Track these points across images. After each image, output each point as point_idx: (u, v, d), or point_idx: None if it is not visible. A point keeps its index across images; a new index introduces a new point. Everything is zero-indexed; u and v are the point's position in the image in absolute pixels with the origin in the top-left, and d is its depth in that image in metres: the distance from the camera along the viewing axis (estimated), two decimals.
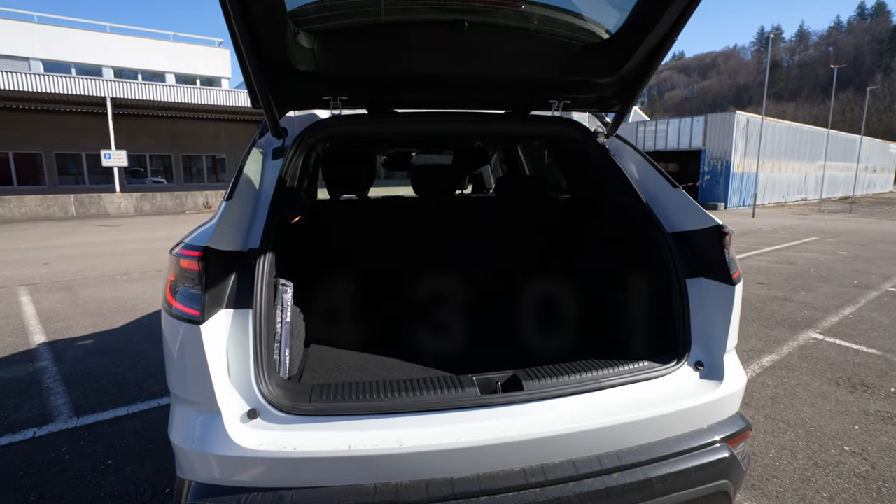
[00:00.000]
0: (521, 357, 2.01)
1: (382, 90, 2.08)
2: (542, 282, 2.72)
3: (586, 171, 2.53)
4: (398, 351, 2.25)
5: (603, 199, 2.38)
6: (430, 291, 2.74)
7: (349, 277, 2.68)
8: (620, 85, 2.18)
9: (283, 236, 2.11)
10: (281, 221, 1.92)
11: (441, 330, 2.42)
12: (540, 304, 2.67)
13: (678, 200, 2.07)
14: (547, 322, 2.53)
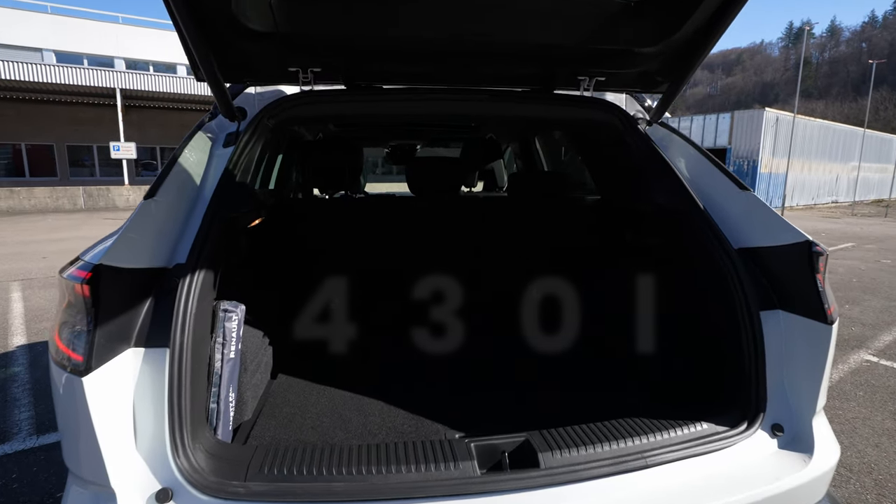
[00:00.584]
0: (535, 410, 1.56)
1: (364, 60, 1.63)
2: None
3: (623, 166, 2.05)
4: (380, 388, 1.81)
5: (643, 202, 1.89)
6: (423, 315, 2.29)
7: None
8: (670, 57, 1.70)
9: (234, 245, 1.68)
10: (230, 226, 1.49)
11: (434, 365, 1.98)
12: (561, 338, 2.20)
13: (748, 207, 1.58)
14: (570, 361, 2.06)
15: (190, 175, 1.47)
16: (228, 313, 1.41)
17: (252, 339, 1.73)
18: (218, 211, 1.39)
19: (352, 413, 1.63)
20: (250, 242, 1.92)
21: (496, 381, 1.88)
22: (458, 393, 1.78)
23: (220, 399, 1.37)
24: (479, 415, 1.61)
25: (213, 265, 1.35)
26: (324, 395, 1.78)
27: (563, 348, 2.13)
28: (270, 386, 1.85)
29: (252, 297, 1.92)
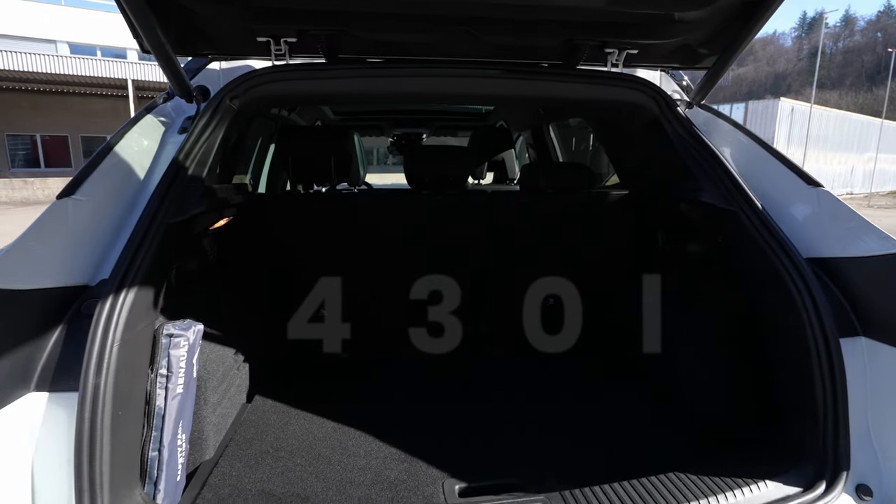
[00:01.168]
0: (554, 455, 1.29)
1: (349, 27, 1.33)
2: (586, 324, 1.97)
3: (658, 157, 1.74)
4: (368, 418, 1.53)
5: (684, 200, 1.59)
6: (420, 331, 2.00)
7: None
8: (719, 24, 1.39)
9: (189, 252, 1.41)
10: (181, 231, 1.21)
11: (433, 392, 1.70)
12: (584, 359, 1.91)
13: (820, 206, 1.28)
14: (596, 389, 1.77)
15: (130, 168, 1.19)
16: (175, 338, 1.13)
17: (218, 361, 1.46)
18: (159, 213, 1.11)
19: (332, 452, 1.36)
20: (218, 247, 1.64)
21: (506, 413, 1.59)
22: (460, 429, 1.50)
23: (163, 445, 1.10)
24: (486, 460, 1.33)
25: (153, 280, 1.07)
26: (303, 425, 1.50)
27: (588, 373, 1.84)
28: (244, 412, 1.58)
29: (222, 311, 1.65)
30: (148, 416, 1.10)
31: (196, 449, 1.31)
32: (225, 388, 1.50)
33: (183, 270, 1.35)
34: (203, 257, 1.50)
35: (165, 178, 1.15)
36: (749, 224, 1.33)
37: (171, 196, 1.14)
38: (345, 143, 1.82)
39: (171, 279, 1.26)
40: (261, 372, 1.85)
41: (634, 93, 1.58)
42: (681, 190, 1.57)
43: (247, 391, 1.71)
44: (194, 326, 1.23)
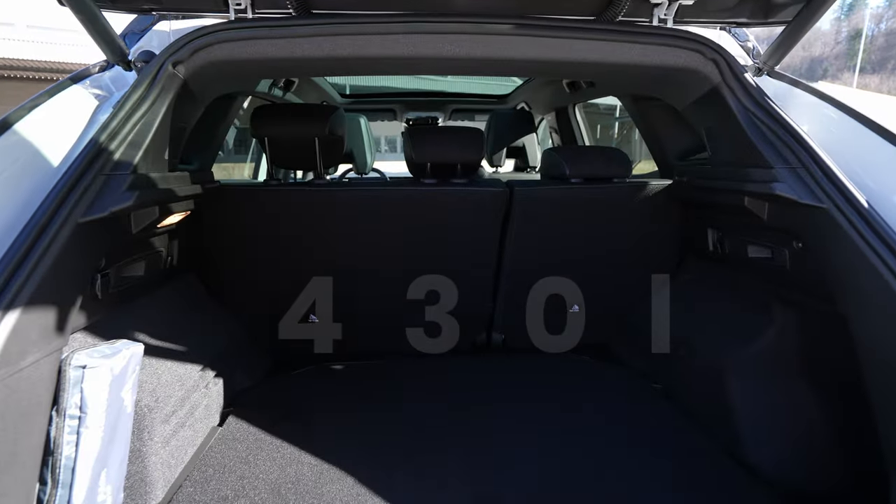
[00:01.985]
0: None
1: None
2: (610, 344, 1.65)
3: (715, 138, 1.40)
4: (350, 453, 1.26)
5: (753, 193, 1.25)
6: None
7: (285, 311, 1.71)
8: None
9: (130, 253, 1.14)
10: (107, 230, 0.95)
11: (430, 429, 1.41)
12: (605, 388, 1.57)
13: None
14: (643, 437, 1.45)
15: (35, 151, 0.93)
16: (90, 370, 0.88)
17: (174, 383, 1.21)
18: (63, 209, 0.84)
19: (302, 501, 1.10)
20: (178, 246, 1.38)
21: (532, 473, 1.27)
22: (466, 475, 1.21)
23: (73, 497, 0.85)
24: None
25: (53, 296, 0.82)
26: (276, 458, 1.24)
27: (612, 399, 1.52)
28: (211, 438, 1.32)
29: (182, 322, 1.40)
30: (51, 470, 0.85)
31: (137, 495, 1.06)
32: (185, 414, 1.25)
33: (119, 279, 1.10)
34: (154, 260, 1.24)
35: (77, 166, 0.88)
36: (846, 225, 1.00)
37: (83, 187, 0.88)
38: (333, 123, 1.52)
39: (96, 291, 1.00)
40: (237, 387, 1.60)
41: (689, 54, 1.25)
42: (746, 179, 1.23)
43: (220, 410, 1.46)
44: (126, 350, 0.98)
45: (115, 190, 0.92)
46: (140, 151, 1.01)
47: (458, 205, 1.60)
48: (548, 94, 2.93)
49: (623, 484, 1.16)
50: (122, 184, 0.94)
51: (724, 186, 1.34)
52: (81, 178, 0.88)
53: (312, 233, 1.58)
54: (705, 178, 1.47)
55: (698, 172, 1.54)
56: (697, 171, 1.55)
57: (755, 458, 1.25)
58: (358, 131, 2.96)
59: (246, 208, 1.52)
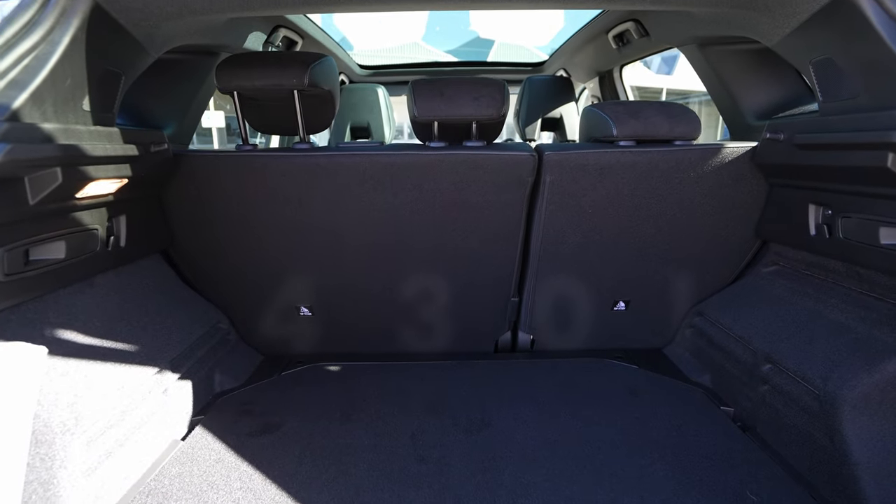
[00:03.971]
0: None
1: None
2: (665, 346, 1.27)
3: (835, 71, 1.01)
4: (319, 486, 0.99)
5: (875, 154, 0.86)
6: (414, 343, 1.41)
7: (255, 301, 1.45)
8: None
9: (32, 231, 0.90)
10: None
11: (422, 464, 1.11)
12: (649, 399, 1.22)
13: None
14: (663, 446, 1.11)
15: None
16: None
17: (110, 394, 0.98)
18: None
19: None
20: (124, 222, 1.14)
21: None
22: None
23: None
24: None
25: None
26: (228, 496, 0.99)
27: (694, 446, 1.16)
28: (164, 459, 1.09)
29: (126, 315, 1.17)
30: None
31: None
32: (129, 430, 1.02)
33: (23, 262, 0.86)
34: (82, 240, 1.01)
35: None
36: None
37: None
38: (316, 74, 1.24)
39: None
40: (214, 389, 1.37)
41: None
42: (888, 128, 0.84)
43: (188, 419, 1.23)
44: (16, 357, 0.74)
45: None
46: (25, 94, 0.76)
47: (473, 174, 1.28)
48: (590, 55, 2.53)
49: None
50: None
51: (850, 140, 0.94)
52: None
53: (295, 208, 1.31)
54: (815, 131, 1.07)
55: (802, 126, 1.14)
56: (800, 124, 1.15)
57: None
58: (376, 103, 2.68)
59: (212, 179, 1.26)
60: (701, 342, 1.50)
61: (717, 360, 1.39)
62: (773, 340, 1.21)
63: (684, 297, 1.57)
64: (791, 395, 1.11)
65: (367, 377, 1.45)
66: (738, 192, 1.34)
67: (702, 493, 0.97)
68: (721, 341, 1.39)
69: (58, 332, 0.96)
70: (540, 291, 1.53)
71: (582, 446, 1.12)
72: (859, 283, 1.10)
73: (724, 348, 1.38)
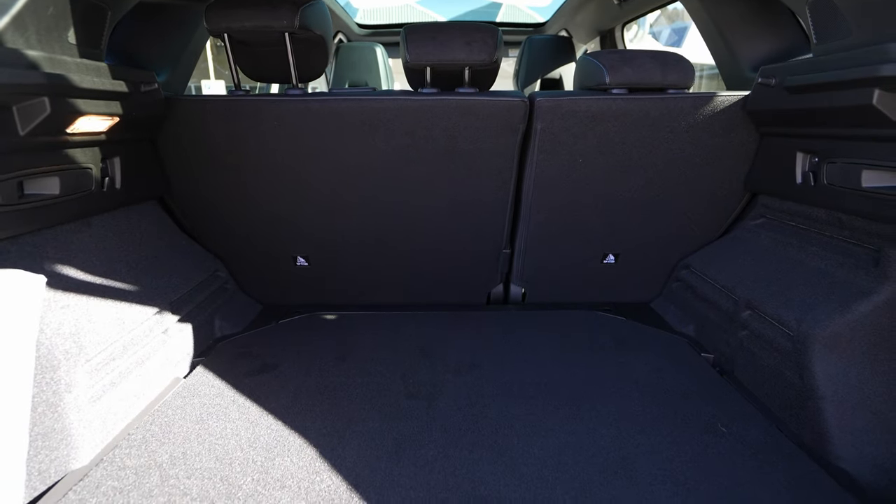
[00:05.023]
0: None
1: None
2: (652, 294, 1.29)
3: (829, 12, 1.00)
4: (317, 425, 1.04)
5: (887, 80, 0.86)
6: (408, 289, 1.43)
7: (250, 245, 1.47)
8: None
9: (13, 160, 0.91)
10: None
11: (411, 405, 1.15)
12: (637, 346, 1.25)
13: None
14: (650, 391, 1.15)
15: None
16: None
17: (111, 328, 1.02)
18: None
19: (245, 477, 0.89)
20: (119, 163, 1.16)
21: (540, 456, 1.01)
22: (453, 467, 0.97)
23: None
24: None
25: None
26: (227, 423, 1.04)
27: (672, 388, 1.19)
28: (166, 394, 1.15)
29: (124, 257, 1.20)
30: None
31: (54, 456, 0.89)
32: (131, 365, 1.07)
33: (18, 195, 0.89)
34: (75, 178, 1.03)
35: None
36: None
37: None
38: (307, 16, 1.22)
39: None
40: (214, 334, 1.42)
41: None
42: (881, 60, 0.84)
43: (189, 360, 1.28)
44: (14, 279, 0.78)
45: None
46: (6, 17, 0.77)
47: (465, 120, 1.28)
48: (592, 13, 2.48)
49: (657, 476, 0.88)
50: None
51: (838, 78, 0.94)
52: None
53: (287, 155, 1.32)
54: (805, 73, 1.07)
55: (794, 69, 1.13)
56: (792, 67, 1.14)
57: (844, 459, 0.93)
58: (374, 62, 2.65)
59: (205, 124, 1.27)
60: (687, 294, 1.52)
61: (701, 311, 1.42)
62: (754, 289, 1.24)
63: (672, 251, 1.59)
64: (767, 338, 1.14)
65: (361, 325, 1.49)
66: (728, 142, 1.35)
67: (675, 425, 1.02)
68: (705, 292, 1.42)
69: (57, 267, 0.99)
70: (531, 243, 1.56)
71: (565, 386, 1.16)
72: (840, 229, 1.11)
73: (707, 299, 1.40)
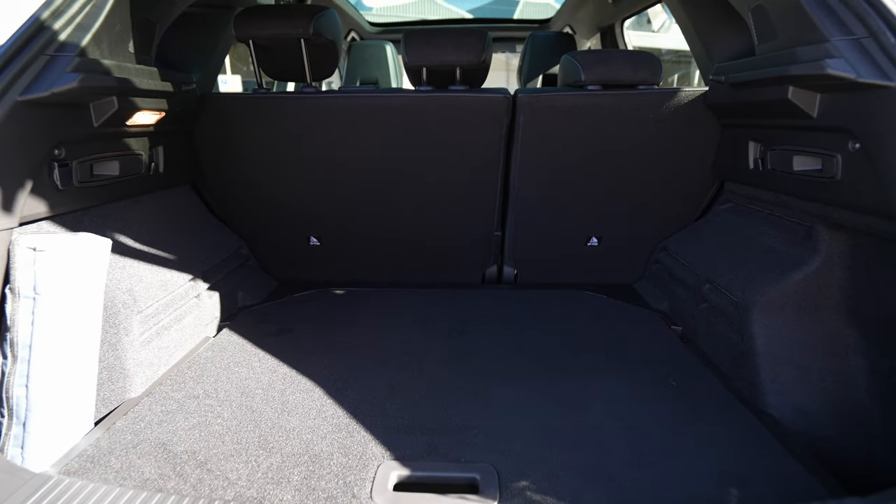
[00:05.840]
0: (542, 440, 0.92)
1: None
2: (629, 274, 1.46)
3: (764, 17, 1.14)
4: (327, 371, 1.25)
5: (798, 78, 1.01)
6: (412, 266, 1.60)
7: (272, 227, 1.67)
8: None
9: (94, 148, 1.13)
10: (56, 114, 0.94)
11: (406, 361, 1.33)
12: (614, 323, 1.43)
13: None
14: (623, 368, 1.31)
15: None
16: (39, 252, 0.89)
17: (157, 287, 1.24)
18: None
19: (266, 406, 1.10)
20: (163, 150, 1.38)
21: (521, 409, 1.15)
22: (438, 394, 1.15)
23: (30, 379, 0.89)
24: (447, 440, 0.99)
25: None
26: (251, 369, 1.25)
27: (638, 354, 1.34)
28: (200, 347, 1.36)
29: (166, 231, 1.42)
30: (11, 346, 0.89)
31: (115, 387, 1.11)
32: (172, 320, 1.29)
33: (87, 174, 1.11)
34: (131, 162, 1.24)
35: (14, 41, 0.87)
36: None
37: (21, 64, 0.86)
38: (320, 24, 1.42)
39: (55, 181, 1.01)
40: (237, 304, 1.63)
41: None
42: (792, 62, 0.99)
43: (216, 323, 1.50)
44: (89, 242, 0.99)
45: (57, 70, 0.91)
46: (88, 35, 0.98)
47: (456, 114, 1.46)
48: (591, 10, 2.61)
49: (620, 428, 1.04)
50: (66, 65, 0.92)
51: (766, 76, 1.09)
52: (19, 55, 0.87)
53: (302, 146, 1.52)
54: (743, 71, 1.21)
55: (737, 67, 1.27)
56: (736, 65, 1.29)
57: (773, 406, 1.08)
58: (384, 59, 2.84)
59: (232, 119, 1.48)
60: (663, 274, 1.67)
61: (673, 288, 1.58)
62: (715, 266, 1.39)
63: (651, 235, 1.74)
64: (720, 307, 1.29)
65: (366, 299, 1.69)
66: (694, 133, 1.49)
67: (631, 381, 1.18)
68: (676, 272, 1.57)
69: (115, 235, 1.22)
70: (521, 226, 1.73)
71: (539, 348, 1.34)
72: (784, 209, 1.25)
73: (678, 277, 1.55)
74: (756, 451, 0.92)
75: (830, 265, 1.10)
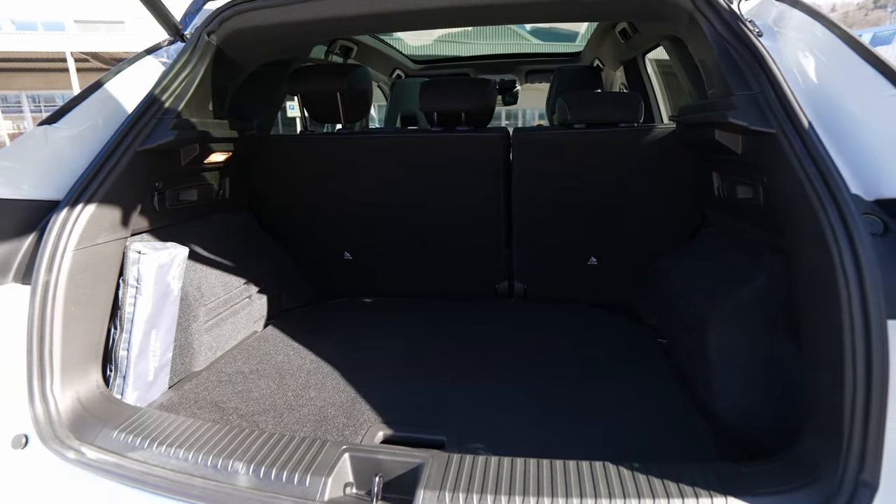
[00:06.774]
0: (515, 424, 1.15)
1: None
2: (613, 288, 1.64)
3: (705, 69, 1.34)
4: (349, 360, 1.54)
5: (714, 123, 1.20)
6: (430, 280, 1.86)
7: (319, 246, 2.00)
8: None
9: (182, 180, 1.52)
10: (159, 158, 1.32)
11: (419, 354, 1.58)
12: (602, 330, 1.61)
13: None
14: (602, 364, 1.50)
15: (116, 103, 1.33)
16: (143, 255, 1.26)
17: (219, 286, 1.60)
18: (126, 139, 1.22)
19: (296, 381, 1.40)
20: (228, 181, 1.76)
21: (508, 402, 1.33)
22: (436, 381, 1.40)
23: (131, 345, 1.26)
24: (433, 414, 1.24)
25: (118, 200, 1.20)
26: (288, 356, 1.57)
27: (619, 364, 1.50)
28: (251, 337, 1.71)
29: (227, 243, 1.78)
30: (120, 320, 1.26)
31: (185, 361, 1.47)
32: (228, 313, 1.64)
33: (175, 199, 1.49)
34: (206, 191, 1.63)
35: (137, 111, 1.26)
36: (789, 150, 0.94)
37: (141, 125, 1.25)
38: (353, 80, 1.76)
39: (154, 204, 1.39)
40: (281, 306, 1.98)
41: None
42: (711, 109, 1.18)
43: (263, 320, 1.85)
44: (173, 250, 1.36)
45: (163, 128, 1.29)
46: (183, 102, 1.36)
47: (461, 149, 1.74)
48: (611, 46, 2.81)
49: (563, 399, 1.25)
50: (168, 124, 1.30)
51: (700, 120, 1.28)
52: (139, 120, 1.25)
53: (337, 176, 1.87)
54: (692, 113, 1.40)
55: (689, 110, 1.46)
56: (689, 108, 1.47)
57: (718, 405, 1.23)
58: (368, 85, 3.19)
59: (282, 156, 1.86)
60: (653, 291, 1.82)
61: (660, 304, 1.73)
62: (691, 284, 1.54)
63: (645, 255, 1.90)
64: (688, 322, 1.44)
65: (388, 307, 1.98)
66: (674, 164, 1.66)
67: (597, 380, 1.37)
68: (663, 290, 1.72)
69: (191, 245, 1.60)
70: (526, 247, 1.95)
71: (529, 352, 1.55)
72: (742, 232, 1.40)
73: (664, 294, 1.71)
74: (695, 441, 1.09)
75: (772, 284, 1.24)
